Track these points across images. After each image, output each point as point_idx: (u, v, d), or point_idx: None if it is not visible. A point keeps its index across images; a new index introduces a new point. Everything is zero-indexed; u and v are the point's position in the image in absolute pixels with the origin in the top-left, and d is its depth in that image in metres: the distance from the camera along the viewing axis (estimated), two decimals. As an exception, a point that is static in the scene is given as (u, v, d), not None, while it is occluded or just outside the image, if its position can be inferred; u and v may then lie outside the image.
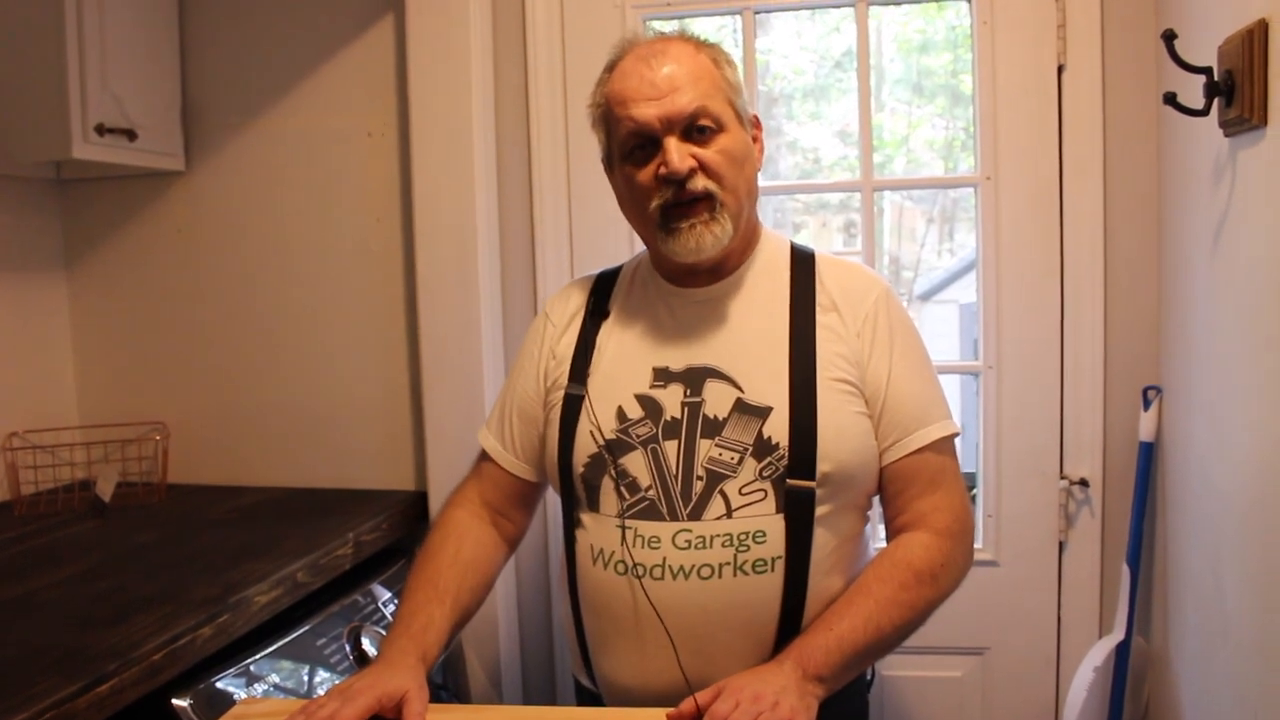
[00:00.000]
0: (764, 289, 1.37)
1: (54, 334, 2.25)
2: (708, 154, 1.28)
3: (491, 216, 2.09)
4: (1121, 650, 1.91)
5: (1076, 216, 1.95)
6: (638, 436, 1.30)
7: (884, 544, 1.36)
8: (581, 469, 1.33)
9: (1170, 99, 1.49)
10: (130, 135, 1.99)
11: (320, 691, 1.52)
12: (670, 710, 1.16)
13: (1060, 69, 1.93)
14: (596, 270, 1.51)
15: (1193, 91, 1.47)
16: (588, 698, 1.44)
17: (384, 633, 1.65)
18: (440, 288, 2.05)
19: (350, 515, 1.90)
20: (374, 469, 2.15)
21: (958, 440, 1.38)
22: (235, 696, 1.40)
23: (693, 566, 1.27)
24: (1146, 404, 1.91)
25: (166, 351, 2.25)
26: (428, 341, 2.06)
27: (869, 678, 1.49)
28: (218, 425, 2.23)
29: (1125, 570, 1.91)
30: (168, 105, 2.15)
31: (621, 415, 1.32)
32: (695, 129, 1.28)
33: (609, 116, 1.33)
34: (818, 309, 1.33)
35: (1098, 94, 1.92)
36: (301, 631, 1.59)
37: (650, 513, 1.29)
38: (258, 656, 1.49)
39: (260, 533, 1.80)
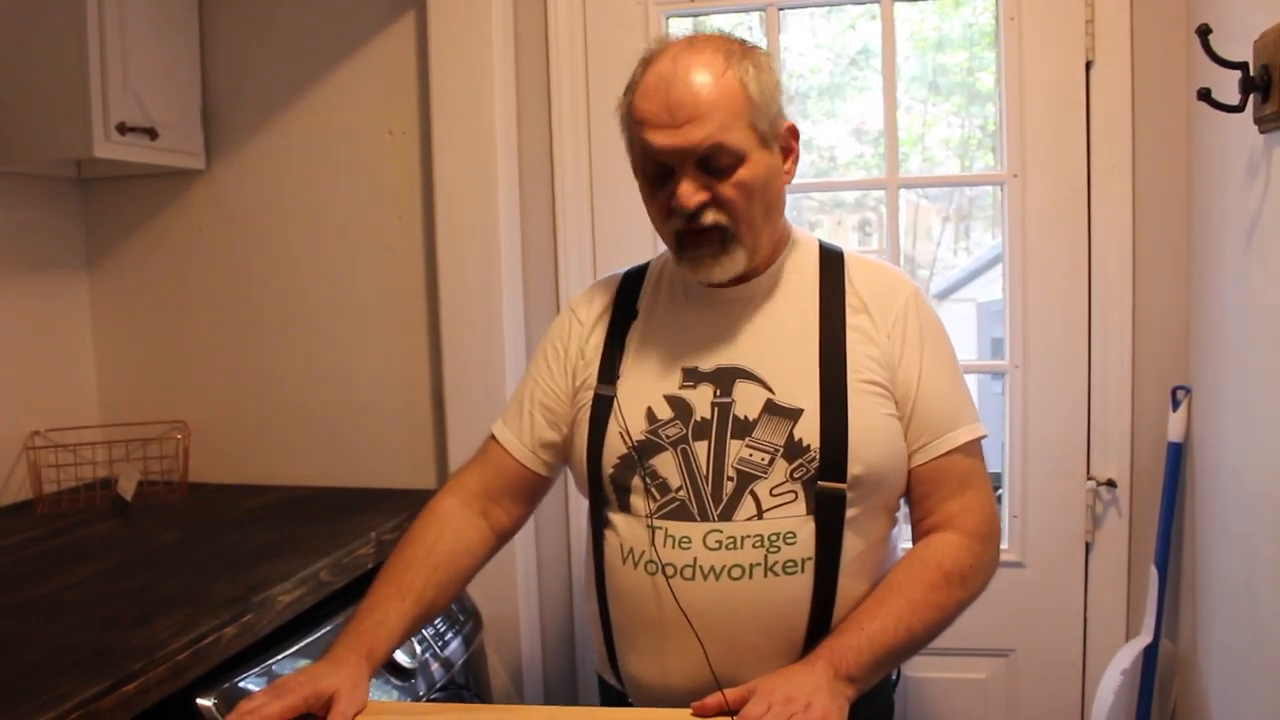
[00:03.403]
0: (793, 289, 1.35)
1: (75, 333, 2.26)
2: (723, 188, 1.24)
3: (513, 215, 2.08)
4: (1149, 653, 1.89)
5: (1104, 214, 1.93)
6: (668, 437, 1.29)
7: (910, 544, 1.35)
8: (611, 470, 1.32)
9: (1204, 95, 1.47)
10: (151, 134, 1.99)
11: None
12: (695, 703, 1.16)
13: (1089, 65, 1.91)
14: (622, 269, 1.49)
15: (1226, 87, 1.45)
16: (612, 696, 1.43)
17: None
18: (462, 286, 2.04)
19: (372, 514, 1.89)
20: (395, 468, 2.15)
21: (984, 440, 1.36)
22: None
23: (723, 567, 1.26)
24: (1175, 404, 1.89)
25: (187, 350, 2.25)
26: (449, 340, 2.05)
27: (894, 678, 1.48)
28: (239, 424, 2.23)
29: (1153, 572, 1.89)
30: (188, 104, 2.15)
31: (651, 416, 1.31)
32: (711, 161, 1.23)
33: (629, 127, 1.31)
34: (848, 310, 1.32)
35: (1127, 90, 1.90)
36: (324, 631, 1.58)
37: (681, 513, 1.28)
38: (281, 656, 1.49)
39: (282, 532, 1.80)
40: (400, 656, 1.60)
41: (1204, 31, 1.42)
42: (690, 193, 1.23)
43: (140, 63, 1.98)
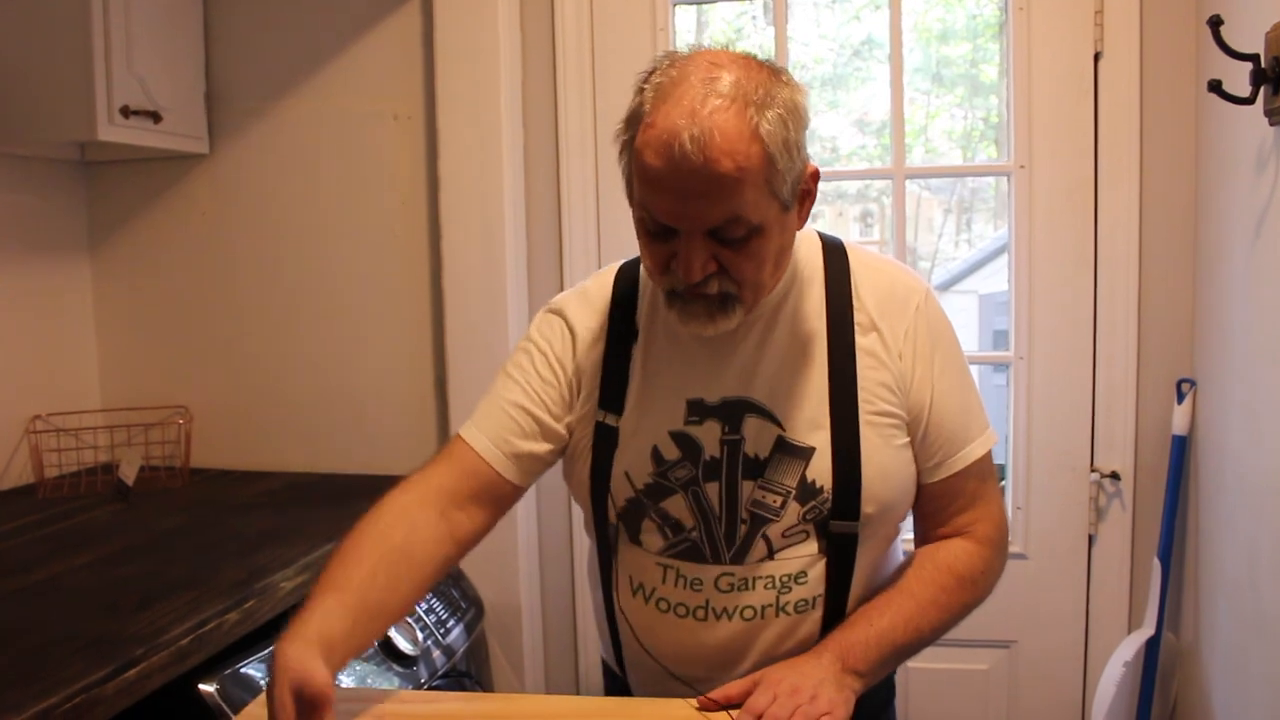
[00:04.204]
0: (799, 309, 1.26)
1: (77, 316, 2.25)
2: (733, 259, 1.11)
3: (518, 200, 2.07)
4: (1151, 646, 1.89)
5: (1111, 206, 1.92)
6: (677, 479, 1.24)
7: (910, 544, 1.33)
8: (619, 508, 1.27)
9: (1215, 86, 1.46)
10: (155, 117, 1.98)
11: (345, 680, 1.51)
12: (701, 697, 1.15)
13: (1097, 56, 1.91)
14: (612, 266, 1.36)
15: (1237, 79, 1.44)
16: (617, 684, 1.42)
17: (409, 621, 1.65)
18: (466, 271, 2.04)
19: (374, 499, 1.88)
20: (397, 454, 2.14)
21: None
22: (261, 682, 1.40)
23: (736, 608, 1.24)
24: (1180, 397, 1.88)
25: (189, 334, 2.25)
26: (453, 325, 2.05)
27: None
28: (240, 409, 2.23)
29: (1156, 565, 1.89)
30: (192, 88, 2.14)
31: (659, 457, 1.24)
32: (723, 231, 1.09)
33: (631, 167, 1.14)
34: (856, 329, 1.24)
35: (1135, 82, 1.89)
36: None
37: (693, 554, 1.25)
38: (283, 643, 1.48)
39: (284, 517, 1.80)
40: (402, 644, 1.60)
41: (1215, 23, 1.42)
42: (696, 265, 1.10)
43: (144, 46, 1.97)
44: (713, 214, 1.07)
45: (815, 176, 1.18)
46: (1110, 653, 1.94)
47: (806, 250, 1.29)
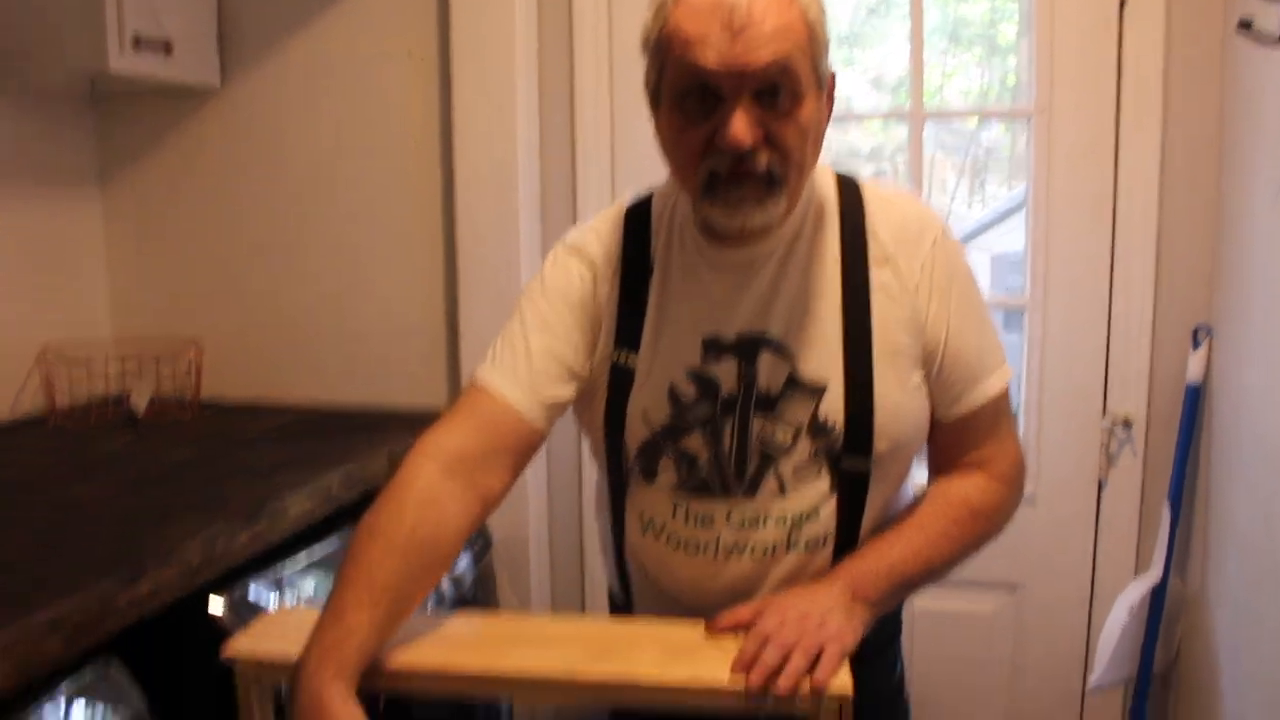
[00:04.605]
0: (813, 243, 1.24)
1: (88, 250, 2.25)
2: (781, 127, 1.09)
3: (532, 135, 2.06)
4: (1157, 591, 1.89)
5: (1132, 151, 1.90)
6: (694, 417, 1.23)
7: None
8: (635, 448, 1.26)
9: (1245, 25, 1.44)
10: (167, 48, 1.97)
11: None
12: (710, 621, 1.15)
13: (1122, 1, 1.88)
14: (623, 202, 1.33)
15: (1268, 20, 1.41)
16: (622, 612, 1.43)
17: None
18: (479, 206, 2.03)
19: (385, 432, 1.90)
20: (408, 387, 2.14)
21: None
22: (268, 604, 1.40)
23: (747, 545, 1.24)
24: (1196, 344, 1.87)
25: (200, 268, 2.24)
26: (465, 261, 2.04)
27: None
28: (251, 343, 2.23)
29: (1166, 510, 1.89)
30: (204, 21, 2.12)
31: (676, 394, 1.23)
32: (769, 93, 1.07)
33: (663, 50, 1.12)
34: (871, 264, 1.22)
35: (1161, 25, 1.86)
36: (335, 545, 1.58)
37: (704, 490, 1.24)
38: (290, 569, 1.49)
39: (295, 448, 1.80)
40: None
41: (1246, -45, 1.39)
42: (745, 128, 1.06)
43: (156, -25, 1.95)
44: (764, 56, 1.05)
45: (834, 81, 1.19)
46: (1115, 599, 1.94)
47: (822, 184, 1.27)
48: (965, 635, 2.09)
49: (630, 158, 2.08)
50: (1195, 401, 1.86)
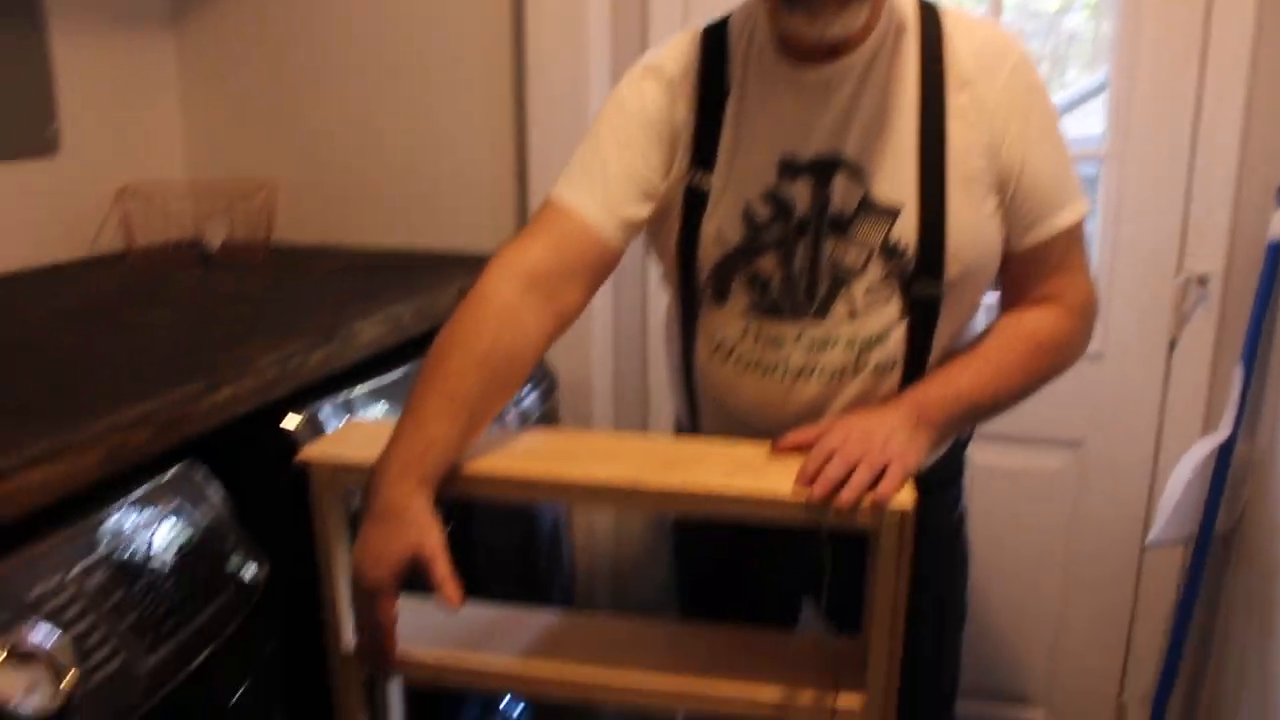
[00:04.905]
0: (891, 64, 1.22)
1: (161, 90, 2.26)
2: None
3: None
4: (1224, 450, 1.86)
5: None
6: (768, 238, 1.23)
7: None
8: (708, 268, 1.27)
9: None
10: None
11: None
12: (776, 441, 1.17)
13: None
14: (698, 27, 1.32)
15: None
16: None
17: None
18: (548, 43, 2.00)
19: (454, 270, 1.92)
20: (476, 234, 2.15)
21: None
22: (338, 422, 1.44)
23: (815, 367, 1.25)
24: (1281, 200, 1.81)
25: (272, 112, 2.25)
26: (534, 101, 2.03)
27: (966, 436, 1.46)
28: (321, 187, 2.24)
29: (1238, 370, 1.85)
30: None
31: (750, 215, 1.23)
32: None
33: None
34: (948, 89, 1.20)
35: None
36: (404, 373, 1.61)
37: (775, 312, 1.25)
38: (360, 392, 1.52)
39: (366, 282, 1.83)
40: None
41: None
42: None
43: None
44: None
45: None
46: (1179, 459, 1.92)
47: (902, 6, 1.24)
48: (1026, 492, 2.09)
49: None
50: (1276, 260, 1.81)
